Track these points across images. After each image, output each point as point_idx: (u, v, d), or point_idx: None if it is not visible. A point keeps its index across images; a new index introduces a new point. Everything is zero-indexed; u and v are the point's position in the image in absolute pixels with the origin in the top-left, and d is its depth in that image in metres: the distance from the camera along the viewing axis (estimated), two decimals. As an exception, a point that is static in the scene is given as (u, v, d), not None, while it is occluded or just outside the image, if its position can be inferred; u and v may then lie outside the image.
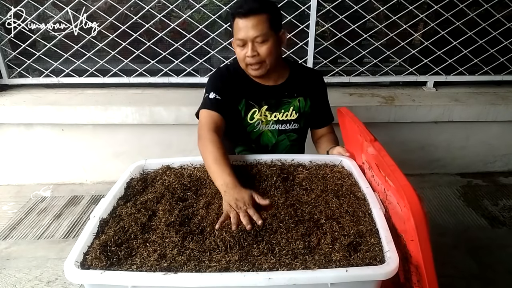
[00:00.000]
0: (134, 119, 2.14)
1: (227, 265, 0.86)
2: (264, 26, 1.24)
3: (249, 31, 1.24)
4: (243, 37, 1.26)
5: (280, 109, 1.42)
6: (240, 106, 1.41)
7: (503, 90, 2.38)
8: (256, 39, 1.25)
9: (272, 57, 1.30)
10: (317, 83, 1.47)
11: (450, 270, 1.56)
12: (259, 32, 1.24)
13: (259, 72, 1.32)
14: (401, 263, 0.83)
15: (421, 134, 2.28)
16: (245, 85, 1.40)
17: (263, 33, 1.24)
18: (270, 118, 1.42)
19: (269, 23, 1.25)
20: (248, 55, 1.27)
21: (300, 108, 1.43)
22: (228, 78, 1.39)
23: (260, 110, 1.41)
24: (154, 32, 2.23)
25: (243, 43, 1.28)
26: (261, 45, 1.27)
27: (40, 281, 1.55)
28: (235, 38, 1.29)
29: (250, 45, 1.26)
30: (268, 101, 1.41)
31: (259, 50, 1.27)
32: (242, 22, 1.24)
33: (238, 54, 1.32)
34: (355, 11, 2.17)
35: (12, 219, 1.99)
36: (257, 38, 1.25)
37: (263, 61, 1.29)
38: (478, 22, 2.21)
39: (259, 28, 1.24)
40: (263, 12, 1.24)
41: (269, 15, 1.25)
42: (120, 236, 0.96)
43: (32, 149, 2.28)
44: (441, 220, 1.92)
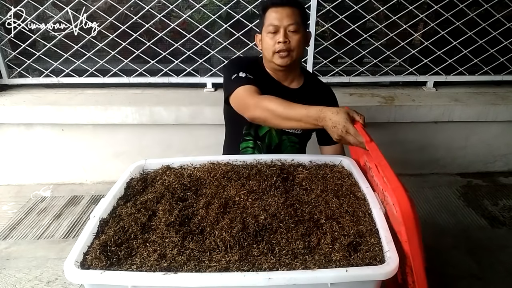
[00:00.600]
0: (134, 119, 2.14)
1: (227, 265, 0.86)
2: (297, 17, 1.32)
3: (284, 18, 1.30)
4: (277, 24, 1.31)
5: None
6: None
7: (503, 90, 2.38)
8: (289, 27, 1.31)
9: (299, 50, 1.35)
10: (329, 98, 1.49)
11: (450, 270, 1.56)
12: (293, 21, 1.30)
13: (285, 60, 1.34)
14: (399, 264, 0.83)
15: (421, 134, 2.28)
16: (265, 81, 1.39)
17: (296, 22, 1.31)
18: None
19: (301, 17, 1.33)
20: (280, 40, 1.30)
21: None
22: (249, 65, 1.40)
23: None
24: (154, 32, 2.23)
25: (275, 30, 1.32)
26: (293, 35, 1.31)
27: (40, 281, 1.55)
28: (268, 25, 1.32)
29: (282, 31, 1.31)
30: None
31: (290, 38, 1.32)
32: (277, 11, 1.31)
33: (267, 43, 1.34)
34: (355, 11, 2.17)
35: (12, 219, 1.99)
36: (290, 26, 1.30)
37: (291, 51, 1.33)
38: (478, 22, 2.21)
39: (293, 18, 1.31)
40: (297, 6, 1.33)
41: (301, 10, 1.34)
42: (120, 236, 0.96)
43: (32, 149, 2.28)
44: (441, 220, 1.92)
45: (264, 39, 1.36)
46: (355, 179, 1.19)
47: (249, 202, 1.07)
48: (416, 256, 0.82)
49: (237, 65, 1.39)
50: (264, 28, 1.35)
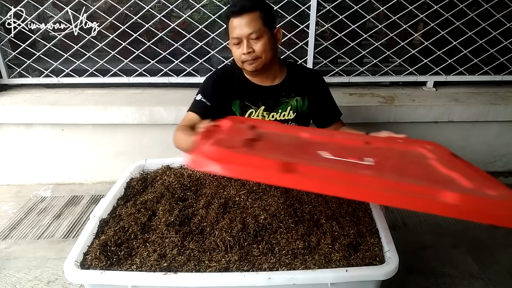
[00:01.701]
0: (134, 119, 2.14)
1: (227, 265, 0.86)
2: (257, 23, 1.27)
3: (243, 28, 1.27)
4: (238, 35, 1.28)
5: (277, 109, 1.43)
6: (233, 107, 1.42)
7: (503, 90, 2.38)
8: (250, 36, 1.28)
9: (268, 54, 1.32)
10: (316, 82, 1.48)
11: (450, 270, 1.56)
12: (252, 29, 1.27)
13: (254, 66, 1.33)
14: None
15: (421, 134, 2.27)
16: (241, 86, 1.42)
17: (257, 29, 1.27)
18: (268, 119, 1.43)
19: (262, 20, 1.28)
20: (244, 52, 1.29)
21: (297, 107, 1.44)
22: (221, 81, 1.42)
23: (258, 111, 1.42)
24: (154, 32, 2.23)
25: (239, 41, 1.30)
26: (256, 42, 1.29)
27: (40, 281, 1.55)
28: (231, 37, 1.32)
29: (245, 42, 1.28)
30: (265, 101, 1.42)
31: (254, 47, 1.29)
32: (236, 21, 1.27)
33: (234, 53, 1.34)
34: (355, 11, 2.17)
35: (12, 219, 1.99)
36: (251, 34, 1.27)
37: (258, 57, 1.31)
38: (478, 22, 2.21)
39: (253, 25, 1.27)
40: (256, 10, 1.27)
41: (261, 12, 1.28)
42: (120, 236, 0.96)
43: (32, 149, 2.28)
44: (441, 220, 1.92)
45: (232, 49, 1.35)
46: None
47: (249, 202, 1.07)
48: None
49: (203, 85, 1.45)
50: (230, 37, 1.34)
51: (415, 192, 0.71)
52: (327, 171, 0.76)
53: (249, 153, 0.81)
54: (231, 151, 0.80)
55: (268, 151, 0.87)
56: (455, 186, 0.79)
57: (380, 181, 0.73)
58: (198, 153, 0.80)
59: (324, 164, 0.83)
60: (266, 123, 1.22)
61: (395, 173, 0.82)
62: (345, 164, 0.84)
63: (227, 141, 0.88)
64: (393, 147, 1.06)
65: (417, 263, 1.59)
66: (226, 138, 0.92)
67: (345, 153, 0.91)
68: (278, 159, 0.77)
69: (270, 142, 0.98)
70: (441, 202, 0.70)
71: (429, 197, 0.71)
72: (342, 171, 0.76)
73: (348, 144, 1.05)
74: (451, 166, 0.89)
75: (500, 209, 0.71)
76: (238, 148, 0.84)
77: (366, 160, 0.88)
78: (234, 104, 1.43)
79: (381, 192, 0.71)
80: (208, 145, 0.82)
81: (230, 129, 1.02)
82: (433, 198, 0.71)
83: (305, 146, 0.99)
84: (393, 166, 0.88)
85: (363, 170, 0.80)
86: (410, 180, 0.75)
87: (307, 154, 0.91)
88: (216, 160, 0.77)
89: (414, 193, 0.71)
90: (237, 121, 1.13)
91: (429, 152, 1.00)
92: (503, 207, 0.71)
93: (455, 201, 0.70)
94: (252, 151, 0.85)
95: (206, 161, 0.78)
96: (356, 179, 0.74)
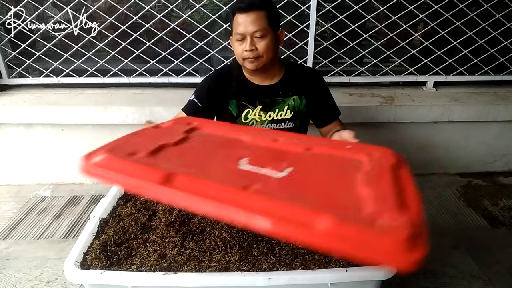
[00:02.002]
0: (134, 119, 2.14)
1: (227, 265, 0.86)
2: (263, 21, 1.28)
3: (249, 25, 1.27)
4: (242, 32, 1.29)
5: (274, 109, 1.43)
6: (230, 107, 1.43)
7: (503, 90, 2.38)
8: (255, 34, 1.28)
9: (269, 54, 1.32)
10: (314, 81, 1.47)
11: (450, 270, 1.56)
12: (258, 27, 1.27)
13: (255, 65, 1.33)
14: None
15: (421, 134, 2.28)
16: (238, 86, 1.43)
17: (262, 28, 1.28)
18: (265, 118, 1.43)
19: (268, 19, 1.29)
20: (247, 49, 1.29)
21: (295, 107, 1.44)
22: (217, 82, 1.44)
23: (254, 110, 1.42)
24: (154, 32, 2.23)
25: (242, 38, 1.30)
26: (260, 40, 1.29)
27: (40, 281, 1.55)
28: (234, 33, 1.32)
29: (248, 39, 1.29)
30: (262, 100, 1.42)
31: (257, 45, 1.30)
32: (242, 17, 1.27)
33: (236, 49, 1.34)
34: (355, 11, 2.17)
35: (12, 219, 1.99)
36: (256, 33, 1.28)
37: (260, 56, 1.31)
38: (478, 22, 2.21)
39: (258, 23, 1.27)
40: (263, 9, 1.28)
41: (268, 12, 1.29)
42: (120, 236, 0.96)
43: (32, 149, 2.28)
44: (441, 220, 1.92)
45: (234, 45, 1.35)
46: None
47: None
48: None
49: (199, 86, 1.47)
50: (233, 34, 1.35)
51: (287, 216, 0.69)
52: (209, 186, 0.75)
53: (138, 162, 0.82)
54: (118, 159, 0.81)
55: (171, 159, 0.89)
56: (347, 209, 0.76)
57: (259, 199, 0.72)
58: (87, 159, 0.81)
59: (215, 176, 0.83)
60: (213, 124, 1.24)
61: (297, 188, 0.82)
62: (245, 177, 0.85)
63: (135, 146, 0.90)
64: (333, 154, 1.06)
65: (417, 263, 1.59)
66: (139, 143, 0.94)
67: (268, 161, 0.93)
68: (164, 170, 0.77)
69: (190, 148, 0.99)
70: (307, 230, 0.67)
71: (297, 223, 0.67)
72: (226, 186, 0.76)
73: (286, 149, 1.07)
74: (374, 181, 0.88)
75: (375, 240, 0.65)
76: (135, 155, 0.85)
77: (285, 170, 0.89)
78: (231, 104, 1.43)
79: (250, 213, 0.69)
80: (101, 151, 0.83)
81: (162, 132, 1.05)
82: (301, 224, 0.67)
83: (229, 152, 1.00)
84: (306, 179, 0.89)
85: (256, 184, 0.79)
86: (295, 201, 0.73)
87: (220, 162, 0.92)
88: (102, 167, 0.79)
89: (285, 218, 0.68)
90: (180, 122, 1.17)
91: (369, 161, 1.01)
92: (378, 239, 0.65)
93: (324, 230, 0.67)
94: (147, 159, 0.85)
95: (92, 167, 0.79)
96: (235, 197, 0.73)
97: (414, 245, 0.67)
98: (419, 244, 0.68)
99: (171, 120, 1.20)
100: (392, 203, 0.79)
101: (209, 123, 1.22)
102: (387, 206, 0.77)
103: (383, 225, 0.70)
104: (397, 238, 0.66)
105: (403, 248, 0.65)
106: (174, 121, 1.18)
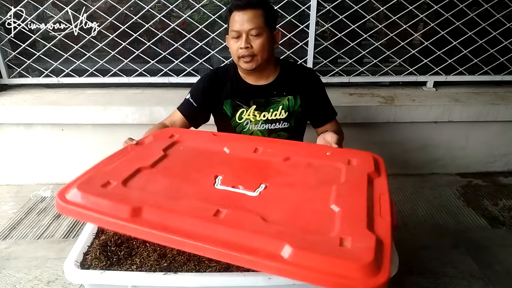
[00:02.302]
0: (134, 119, 2.14)
1: (227, 265, 0.86)
2: (259, 20, 1.28)
3: (245, 23, 1.28)
4: (238, 29, 1.29)
5: (269, 109, 1.43)
6: (225, 107, 1.44)
7: (503, 90, 2.38)
8: (250, 32, 1.29)
9: (264, 53, 1.33)
10: (310, 80, 1.46)
11: (450, 270, 1.56)
12: (254, 25, 1.28)
13: (250, 65, 1.34)
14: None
15: (421, 134, 2.28)
16: (233, 85, 1.44)
17: (258, 26, 1.28)
18: (259, 118, 1.43)
19: (264, 18, 1.29)
20: (242, 46, 1.30)
21: (289, 107, 1.43)
22: (212, 82, 1.45)
23: (249, 110, 1.42)
24: (154, 32, 2.23)
25: (238, 35, 1.31)
26: (255, 39, 1.30)
27: (40, 281, 1.55)
28: (230, 30, 1.32)
29: (244, 37, 1.29)
30: (256, 100, 1.42)
31: (253, 43, 1.30)
32: (239, 15, 1.28)
33: (231, 47, 1.35)
34: (355, 11, 2.17)
35: (12, 219, 1.99)
36: (251, 30, 1.28)
37: (255, 55, 1.32)
38: (478, 22, 2.21)
39: (255, 22, 1.28)
40: (260, 7, 1.29)
41: (265, 11, 1.30)
42: (120, 236, 0.96)
43: (32, 149, 2.28)
44: (441, 220, 1.92)
45: (229, 43, 1.35)
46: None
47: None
48: None
49: (195, 86, 1.49)
50: (229, 32, 1.35)
51: (251, 247, 0.72)
52: (176, 218, 0.78)
53: (109, 195, 0.85)
54: (89, 194, 0.84)
55: (144, 186, 0.92)
56: (314, 232, 0.78)
57: (226, 231, 0.75)
58: (61, 196, 0.85)
59: (187, 201, 0.85)
60: (194, 135, 1.26)
61: (267, 210, 0.84)
62: (218, 199, 0.88)
63: (110, 174, 0.94)
64: (312, 163, 1.09)
65: (417, 263, 1.59)
66: (116, 168, 0.98)
67: (244, 178, 0.97)
68: (133, 202, 0.81)
69: (167, 169, 1.02)
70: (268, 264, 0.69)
71: (263, 254, 0.70)
72: (194, 217, 0.78)
73: (264, 160, 1.10)
74: (348, 195, 0.90)
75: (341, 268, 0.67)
76: (108, 186, 0.88)
77: (258, 190, 0.93)
78: (225, 104, 1.44)
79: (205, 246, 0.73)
80: (74, 186, 0.87)
81: (142, 151, 1.09)
82: (266, 255, 0.70)
83: (207, 170, 1.02)
84: (278, 198, 0.91)
85: (227, 208, 0.82)
86: (260, 231, 0.76)
87: (196, 183, 0.96)
88: (74, 205, 0.82)
89: (249, 249, 0.71)
90: (161, 136, 1.19)
91: (346, 170, 1.03)
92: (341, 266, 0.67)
93: (288, 259, 0.69)
94: (119, 189, 0.88)
95: (65, 206, 0.83)
96: (202, 230, 0.76)
97: (377, 269, 0.68)
98: (383, 268, 0.69)
99: (153, 134, 1.22)
100: (361, 221, 0.80)
101: (190, 134, 1.25)
102: (355, 226, 0.79)
103: (348, 249, 0.72)
104: (361, 263, 0.67)
105: (366, 273, 0.66)
106: (155, 136, 1.21)
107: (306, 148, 1.20)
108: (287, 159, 1.10)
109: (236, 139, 1.26)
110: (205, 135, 1.26)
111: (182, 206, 0.83)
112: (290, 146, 1.20)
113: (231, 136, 1.32)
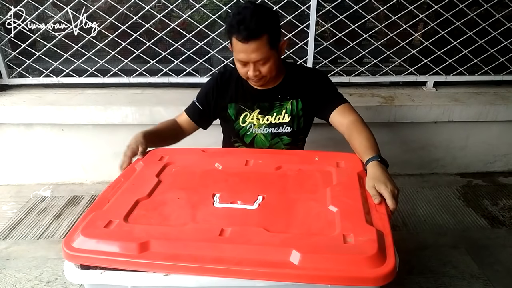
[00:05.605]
0: (134, 119, 2.14)
1: (227, 265, 0.86)
2: (264, 49, 1.21)
3: (250, 55, 1.22)
4: (244, 59, 1.24)
5: (272, 113, 1.41)
6: (229, 111, 1.43)
7: (503, 90, 2.38)
8: (258, 62, 1.24)
9: (273, 72, 1.31)
10: (314, 81, 1.42)
11: (450, 270, 1.56)
12: (260, 56, 1.22)
13: (260, 83, 1.34)
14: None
15: (421, 134, 2.28)
16: (237, 89, 1.43)
17: (264, 56, 1.23)
18: (263, 122, 1.42)
19: (269, 43, 1.22)
20: (250, 75, 1.27)
21: (292, 110, 1.41)
22: (218, 86, 1.44)
23: (252, 114, 1.42)
24: (154, 32, 2.23)
25: (245, 63, 1.26)
26: (263, 65, 1.26)
27: (40, 281, 1.55)
28: (235, 55, 1.26)
29: (252, 66, 1.25)
30: (260, 104, 1.41)
31: (261, 69, 1.27)
32: (242, 46, 1.20)
33: (239, 69, 1.30)
34: (355, 11, 2.17)
35: (12, 219, 1.99)
36: (259, 61, 1.24)
37: (264, 76, 1.30)
38: (478, 22, 2.21)
39: (260, 52, 1.21)
40: (262, 34, 1.19)
41: (268, 35, 1.21)
42: (120, 236, 0.96)
43: (32, 149, 2.28)
44: (441, 220, 1.92)
45: (236, 63, 1.30)
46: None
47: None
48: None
49: (202, 89, 1.50)
50: (233, 52, 1.27)
51: (262, 260, 0.73)
52: (184, 245, 0.80)
53: (114, 235, 0.85)
54: (94, 239, 0.84)
55: (147, 218, 0.92)
56: (318, 234, 0.80)
57: (234, 249, 0.77)
58: (67, 245, 0.86)
59: (191, 226, 0.87)
60: (183, 155, 1.26)
61: (269, 221, 0.87)
62: (221, 218, 0.89)
63: (111, 212, 0.93)
64: (303, 170, 1.12)
65: (417, 263, 1.59)
66: (115, 204, 0.97)
67: (241, 192, 0.98)
68: (139, 238, 0.81)
69: (164, 197, 1.01)
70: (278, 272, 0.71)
71: (275, 264, 0.72)
72: (201, 241, 0.80)
73: (257, 172, 1.12)
74: (342, 195, 0.94)
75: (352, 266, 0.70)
76: (110, 226, 0.88)
77: (257, 202, 0.94)
78: (230, 107, 1.43)
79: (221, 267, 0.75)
80: (78, 232, 0.87)
81: (136, 181, 1.08)
82: (278, 264, 0.72)
83: (203, 190, 1.03)
84: (277, 207, 0.93)
85: (232, 226, 0.84)
86: (267, 242, 0.78)
87: (195, 205, 0.96)
88: (81, 252, 0.84)
89: (261, 262, 0.73)
90: (150, 161, 1.21)
91: (337, 172, 1.07)
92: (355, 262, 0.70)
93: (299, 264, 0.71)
94: (123, 226, 0.88)
95: (73, 254, 0.85)
96: (211, 252, 0.77)
97: (383, 258, 0.72)
98: (388, 256, 0.73)
99: (142, 159, 1.24)
100: (359, 217, 0.84)
101: (179, 154, 1.25)
102: (355, 222, 0.82)
103: (353, 244, 0.75)
104: (367, 254, 0.71)
105: (374, 263, 0.70)
106: (145, 161, 1.22)
107: (294, 155, 1.24)
108: (279, 168, 1.14)
109: (225, 154, 1.29)
110: (194, 152, 1.27)
111: (186, 232, 0.84)
112: (279, 155, 1.25)
113: (219, 151, 1.35)
